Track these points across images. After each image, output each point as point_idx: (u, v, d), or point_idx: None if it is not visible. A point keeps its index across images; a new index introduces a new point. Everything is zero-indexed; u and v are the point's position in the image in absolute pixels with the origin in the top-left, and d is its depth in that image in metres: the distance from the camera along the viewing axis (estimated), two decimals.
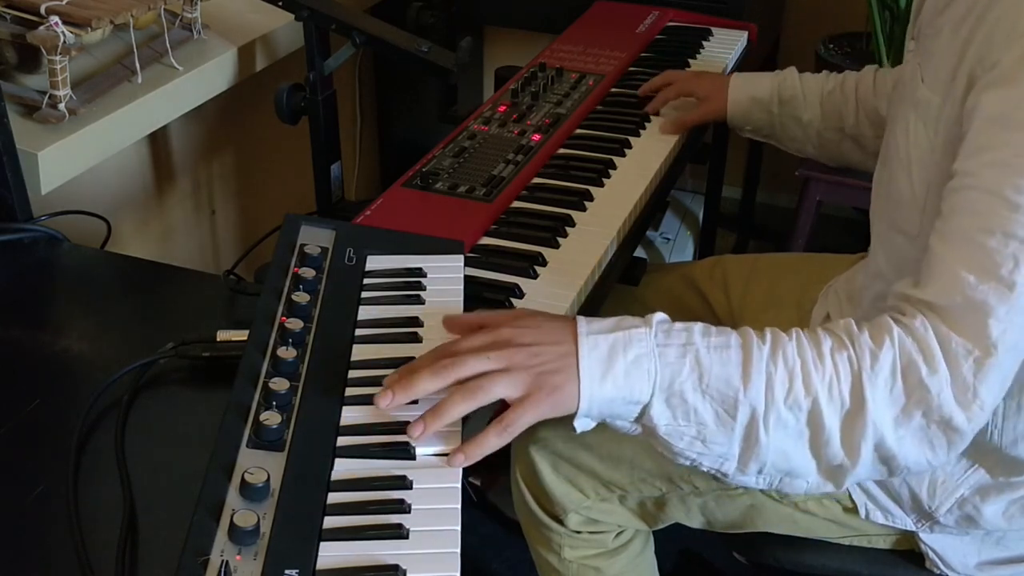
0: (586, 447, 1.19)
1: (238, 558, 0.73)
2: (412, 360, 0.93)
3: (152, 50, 1.49)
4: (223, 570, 0.72)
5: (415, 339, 0.97)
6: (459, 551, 0.76)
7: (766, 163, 2.54)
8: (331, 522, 0.77)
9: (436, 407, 0.84)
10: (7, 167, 1.21)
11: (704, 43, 1.82)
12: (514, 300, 1.10)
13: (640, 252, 2.06)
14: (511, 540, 1.76)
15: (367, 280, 1.05)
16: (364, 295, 1.03)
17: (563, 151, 1.42)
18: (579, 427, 0.88)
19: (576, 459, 1.20)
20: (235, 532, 0.74)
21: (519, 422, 0.85)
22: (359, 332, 0.98)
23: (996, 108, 0.86)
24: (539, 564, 1.32)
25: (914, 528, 1.12)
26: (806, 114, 1.40)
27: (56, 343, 1.05)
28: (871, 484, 1.11)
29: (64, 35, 1.26)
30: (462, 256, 1.10)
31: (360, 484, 0.81)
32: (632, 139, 1.46)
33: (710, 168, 2.30)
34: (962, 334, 0.84)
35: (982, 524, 1.08)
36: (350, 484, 0.81)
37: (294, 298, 0.98)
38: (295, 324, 0.95)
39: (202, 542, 0.74)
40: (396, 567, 0.74)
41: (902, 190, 1.03)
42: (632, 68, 1.71)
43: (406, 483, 0.81)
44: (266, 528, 0.75)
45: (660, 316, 0.89)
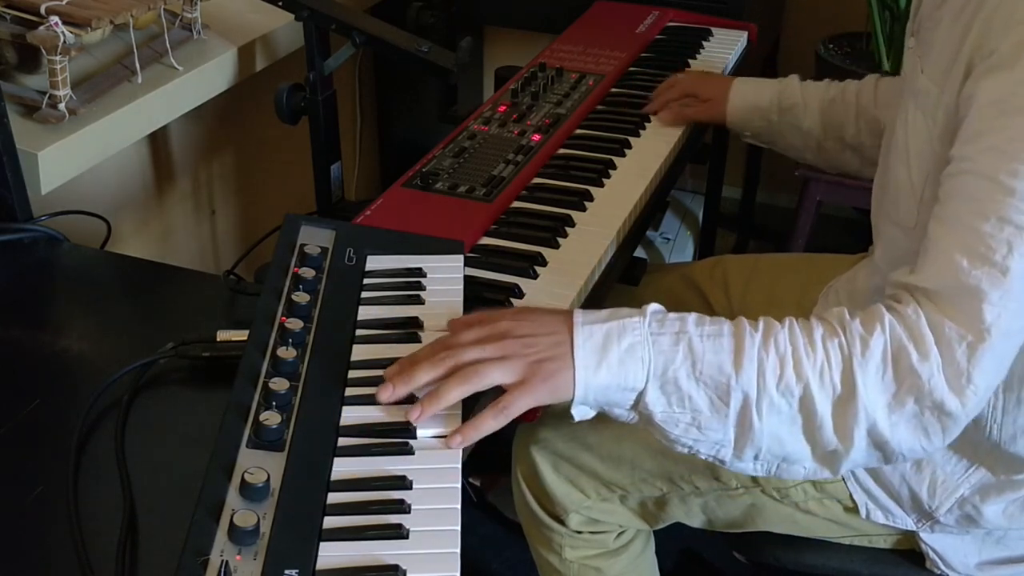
0: (587, 447, 1.19)
1: (238, 558, 0.73)
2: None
3: (152, 50, 1.49)
4: (223, 570, 0.72)
5: (415, 339, 0.97)
6: (459, 551, 0.76)
7: (766, 163, 2.54)
8: (331, 522, 0.77)
9: (434, 391, 0.86)
10: (7, 167, 1.21)
11: (704, 43, 1.82)
12: (514, 300, 1.10)
13: (640, 252, 2.06)
14: (511, 540, 1.75)
15: (367, 280, 1.05)
16: (364, 295, 1.03)
17: (563, 151, 1.42)
18: (577, 415, 0.90)
19: (577, 459, 1.20)
20: (235, 532, 0.74)
21: (515, 405, 0.87)
22: (359, 332, 0.98)
23: (993, 94, 0.87)
24: (540, 564, 1.32)
25: (914, 528, 1.12)
26: (806, 123, 1.40)
27: (56, 343, 1.05)
28: (871, 483, 1.11)
29: (64, 35, 1.26)
30: (462, 256, 1.10)
31: (360, 484, 0.81)
32: (632, 139, 1.46)
33: (710, 168, 2.30)
34: (955, 319, 0.84)
35: (982, 524, 1.08)
36: (350, 484, 0.81)
37: (294, 298, 0.98)
38: (295, 324, 0.95)
39: (202, 542, 0.74)
40: (396, 567, 0.74)
41: (900, 181, 1.03)
42: (632, 68, 1.71)
43: (406, 483, 0.81)
44: (266, 528, 0.75)
45: (655, 306, 0.91)
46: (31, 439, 0.92)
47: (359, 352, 0.95)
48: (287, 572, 0.72)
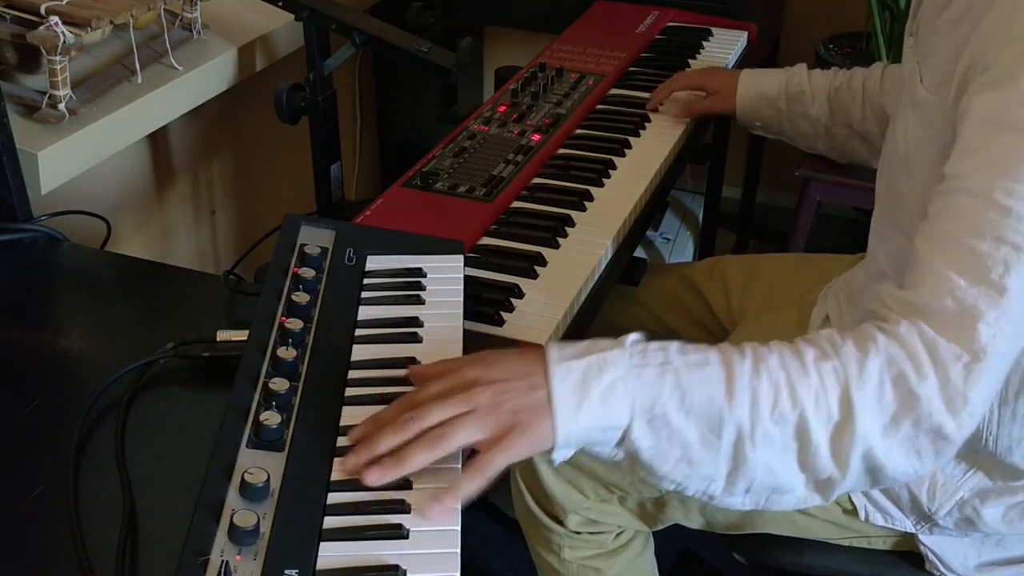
0: None
1: (238, 558, 0.73)
2: (412, 360, 0.93)
3: (152, 50, 1.49)
4: (223, 570, 0.72)
5: (415, 339, 0.97)
6: (459, 551, 0.76)
7: (766, 163, 2.54)
8: (331, 522, 0.77)
9: (397, 454, 0.80)
10: (7, 167, 1.21)
11: (704, 43, 1.82)
12: (514, 300, 1.10)
13: (640, 252, 2.06)
14: (511, 540, 1.75)
15: (367, 280, 1.05)
16: (364, 295, 1.03)
17: (563, 151, 1.42)
18: (557, 459, 0.84)
19: (576, 460, 1.19)
20: (235, 532, 0.74)
21: (489, 467, 0.80)
22: (359, 332, 0.98)
23: (987, 110, 0.85)
24: (539, 564, 1.32)
25: (914, 530, 1.12)
26: (814, 110, 1.39)
27: (56, 343, 1.05)
28: None
29: (64, 35, 1.26)
30: (462, 256, 1.10)
31: (360, 484, 0.81)
32: (632, 139, 1.46)
33: (710, 168, 2.30)
34: (951, 338, 0.81)
35: (981, 527, 1.08)
36: (350, 484, 0.81)
37: (294, 298, 0.98)
38: (295, 324, 0.95)
39: (202, 542, 0.74)
40: (396, 567, 0.74)
41: (901, 190, 1.03)
42: (632, 68, 1.71)
43: (406, 483, 0.81)
44: (266, 528, 0.75)
45: (634, 336, 0.86)
46: (31, 439, 0.92)
47: (359, 352, 0.95)
48: (287, 572, 0.72)
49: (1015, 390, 0.97)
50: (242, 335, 0.97)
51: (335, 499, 0.79)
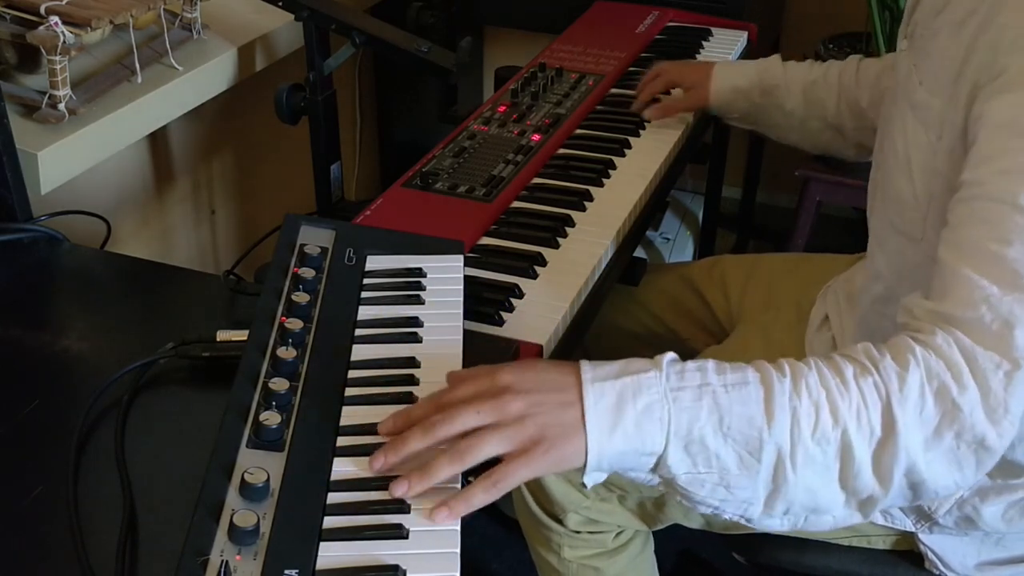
0: None
1: (238, 558, 0.73)
2: (412, 360, 0.93)
3: (152, 50, 1.49)
4: (223, 570, 0.72)
5: (415, 339, 0.97)
6: (459, 551, 0.76)
7: (766, 163, 2.54)
8: (331, 522, 0.77)
9: (424, 467, 0.79)
10: (7, 167, 1.21)
11: (704, 43, 1.82)
12: (514, 300, 1.10)
13: (640, 252, 2.06)
14: (511, 540, 1.76)
15: (367, 280, 1.05)
16: (364, 295, 1.03)
17: (563, 151, 1.43)
18: (589, 483, 0.82)
19: None
20: (235, 532, 0.74)
21: (510, 480, 0.79)
22: (359, 332, 0.98)
23: (1004, 115, 0.85)
24: (539, 564, 1.32)
25: (913, 529, 1.12)
26: (789, 103, 1.40)
27: (56, 343, 1.05)
28: None
29: (64, 35, 1.26)
30: (462, 256, 1.10)
31: (360, 484, 0.81)
32: (632, 139, 1.46)
33: (710, 168, 2.30)
34: (989, 347, 0.80)
35: (981, 525, 1.08)
36: (350, 484, 0.81)
37: (294, 298, 0.98)
38: (295, 324, 0.95)
39: (202, 542, 0.74)
40: (396, 567, 0.74)
41: (902, 192, 1.02)
42: (632, 68, 1.71)
43: None
44: (266, 528, 0.75)
45: (670, 356, 0.83)
46: (31, 439, 0.92)
47: (359, 352, 0.95)
48: (287, 572, 0.72)
49: None
50: (242, 335, 0.97)
51: (335, 499, 0.80)
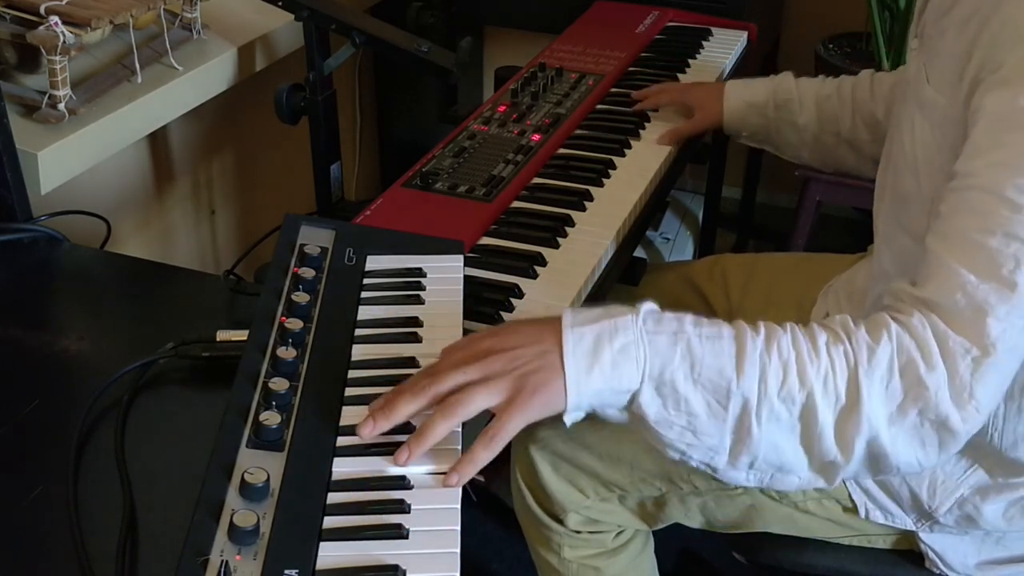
0: (586, 447, 1.19)
1: (238, 558, 0.73)
2: (412, 360, 0.94)
3: (152, 50, 1.49)
4: (223, 570, 0.72)
5: (415, 339, 0.97)
6: (459, 551, 0.76)
7: (766, 163, 2.54)
8: (331, 522, 0.77)
9: (418, 431, 0.83)
10: (7, 167, 1.21)
11: (704, 43, 1.82)
12: (514, 300, 1.10)
13: (640, 252, 2.06)
14: (511, 540, 1.76)
15: (367, 280, 1.05)
16: (364, 295, 1.03)
17: (563, 151, 1.43)
18: (568, 420, 0.87)
19: (576, 459, 1.20)
20: (235, 532, 0.74)
21: (506, 430, 0.83)
22: (359, 332, 0.98)
23: (999, 109, 0.86)
24: (539, 564, 1.32)
25: (914, 528, 1.12)
26: (802, 118, 1.39)
27: (56, 343, 1.05)
28: (871, 484, 1.11)
29: (64, 35, 1.26)
30: (462, 256, 1.10)
31: (360, 484, 0.81)
32: (632, 139, 1.46)
33: (710, 168, 2.30)
34: (961, 332, 0.83)
35: (982, 524, 1.08)
36: (350, 484, 0.81)
37: (294, 298, 0.98)
38: (295, 324, 0.95)
39: (202, 542, 0.74)
40: (396, 567, 0.74)
41: (908, 190, 1.03)
42: (632, 68, 1.71)
43: (406, 483, 0.81)
44: (266, 528, 0.75)
45: (649, 305, 0.88)
46: (31, 439, 0.92)
47: (359, 352, 0.95)
48: (287, 572, 0.72)
49: (1021, 385, 0.98)
50: (242, 335, 0.97)
51: (335, 499, 0.80)
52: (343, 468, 0.82)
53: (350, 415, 0.87)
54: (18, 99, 1.32)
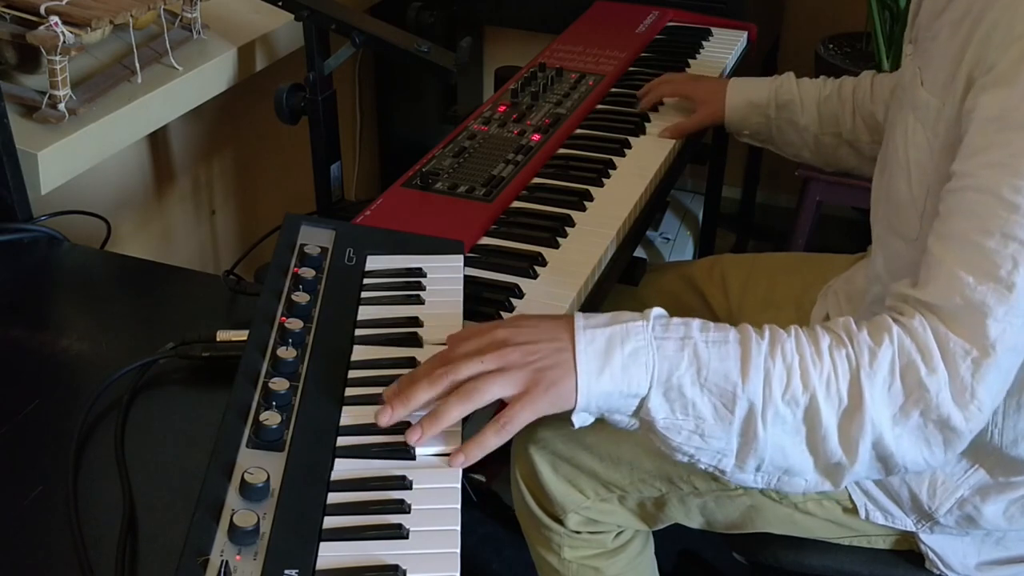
0: (586, 448, 1.19)
1: (238, 558, 0.73)
2: (412, 360, 0.94)
3: (152, 50, 1.49)
4: (223, 570, 0.72)
5: (415, 339, 0.97)
6: (459, 551, 0.76)
7: (766, 163, 2.55)
8: (331, 522, 0.77)
9: (433, 412, 0.85)
10: (7, 167, 1.21)
11: (704, 43, 1.82)
12: (514, 300, 1.10)
13: (640, 252, 2.06)
14: (511, 540, 1.76)
15: (367, 280, 1.05)
16: (364, 295, 1.03)
17: (563, 151, 1.42)
18: (577, 422, 0.89)
19: (576, 459, 1.20)
20: (235, 532, 0.74)
21: (517, 420, 0.85)
22: (359, 332, 0.98)
23: (994, 109, 0.86)
24: (539, 564, 1.32)
25: (914, 528, 1.12)
26: (803, 119, 1.40)
27: (56, 343, 1.05)
28: (871, 485, 1.11)
29: (64, 35, 1.26)
30: (462, 256, 1.10)
31: (360, 484, 0.81)
32: (632, 139, 1.46)
33: (710, 168, 2.30)
34: (960, 334, 0.84)
35: (982, 524, 1.08)
36: (350, 484, 0.81)
37: (294, 298, 0.98)
38: (295, 324, 0.95)
39: (202, 542, 0.74)
40: (396, 567, 0.74)
41: (901, 193, 1.03)
42: (632, 68, 1.71)
43: (406, 483, 0.81)
44: (266, 528, 0.75)
45: (658, 311, 0.90)
46: (31, 439, 0.92)
47: (359, 352, 0.95)
48: (287, 572, 0.72)
49: (1021, 382, 0.98)
50: (242, 335, 0.97)
51: (335, 499, 0.80)
52: (343, 468, 0.82)
53: (350, 415, 0.87)
54: (18, 99, 1.32)
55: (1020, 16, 0.86)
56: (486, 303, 1.08)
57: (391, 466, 0.83)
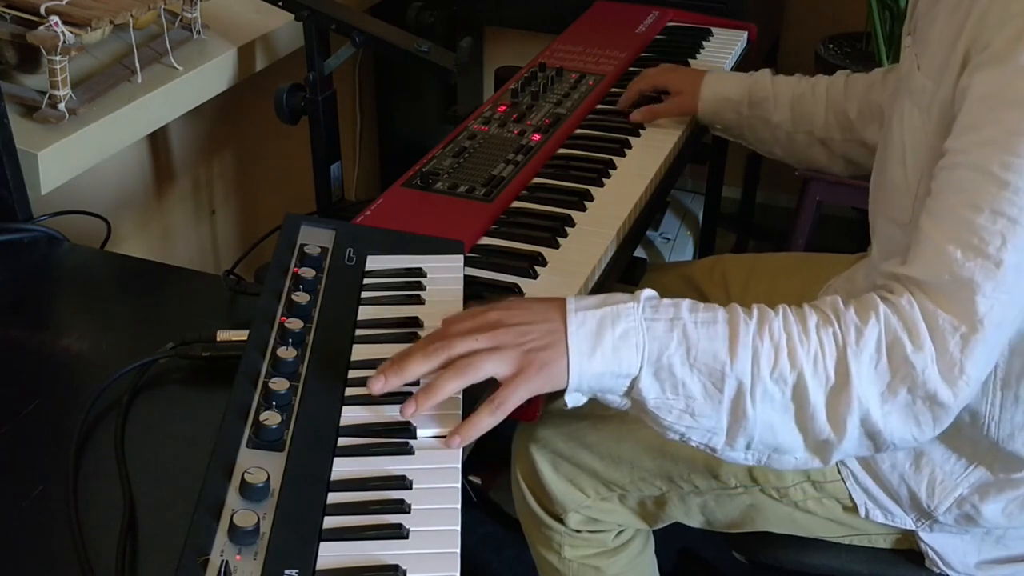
0: (586, 446, 1.19)
1: (238, 558, 0.73)
2: None
3: (152, 50, 1.49)
4: (223, 570, 0.72)
5: (415, 339, 0.97)
6: (459, 551, 0.76)
7: (766, 163, 2.54)
8: (331, 522, 0.78)
9: (427, 385, 0.86)
10: (7, 167, 1.21)
11: (704, 43, 1.82)
12: None
13: (640, 252, 2.06)
14: (511, 540, 1.76)
15: (367, 280, 1.05)
16: (364, 295, 1.03)
17: (563, 151, 1.42)
18: (570, 402, 0.90)
19: (576, 458, 1.20)
20: (235, 532, 0.74)
21: (511, 399, 0.86)
22: (359, 332, 0.98)
23: (987, 87, 0.87)
24: (539, 563, 1.32)
25: (914, 527, 1.12)
26: (776, 116, 1.40)
27: (56, 343, 1.05)
28: (870, 483, 1.11)
29: (64, 35, 1.26)
30: (462, 256, 1.10)
31: (360, 484, 0.81)
32: (632, 139, 1.46)
33: (710, 168, 2.30)
34: (949, 311, 0.85)
35: (981, 523, 1.08)
36: (350, 484, 0.81)
37: (294, 298, 0.98)
38: (295, 324, 0.95)
39: (202, 542, 0.74)
40: (396, 567, 0.74)
41: (896, 178, 1.03)
42: (632, 68, 1.71)
43: (406, 483, 0.81)
44: (266, 528, 0.76)
45: (648, 292, 0.92)
46: (31, 439, 0.92)
47: (359, 352, 0.95)
48: (287, 572, 0.72)
49: (1017, 374, 0.98)
50: (242, 335, 0.97)
51: (335, 499, 0.80)
52: (343, 468, 0.83)
53: (350, 415, 0.88)
54: (18, 99, 1.32)
55: None
56: (486, 303, 1.08)
57: (391, 466, 0.83)
